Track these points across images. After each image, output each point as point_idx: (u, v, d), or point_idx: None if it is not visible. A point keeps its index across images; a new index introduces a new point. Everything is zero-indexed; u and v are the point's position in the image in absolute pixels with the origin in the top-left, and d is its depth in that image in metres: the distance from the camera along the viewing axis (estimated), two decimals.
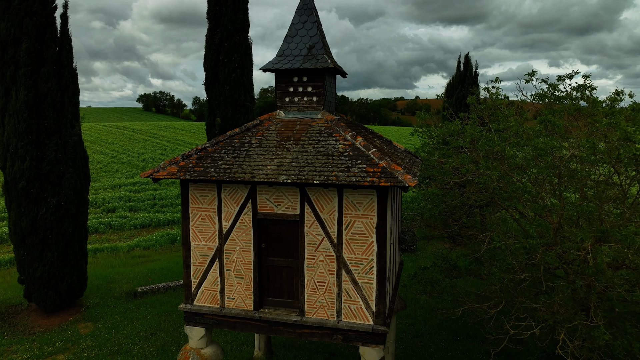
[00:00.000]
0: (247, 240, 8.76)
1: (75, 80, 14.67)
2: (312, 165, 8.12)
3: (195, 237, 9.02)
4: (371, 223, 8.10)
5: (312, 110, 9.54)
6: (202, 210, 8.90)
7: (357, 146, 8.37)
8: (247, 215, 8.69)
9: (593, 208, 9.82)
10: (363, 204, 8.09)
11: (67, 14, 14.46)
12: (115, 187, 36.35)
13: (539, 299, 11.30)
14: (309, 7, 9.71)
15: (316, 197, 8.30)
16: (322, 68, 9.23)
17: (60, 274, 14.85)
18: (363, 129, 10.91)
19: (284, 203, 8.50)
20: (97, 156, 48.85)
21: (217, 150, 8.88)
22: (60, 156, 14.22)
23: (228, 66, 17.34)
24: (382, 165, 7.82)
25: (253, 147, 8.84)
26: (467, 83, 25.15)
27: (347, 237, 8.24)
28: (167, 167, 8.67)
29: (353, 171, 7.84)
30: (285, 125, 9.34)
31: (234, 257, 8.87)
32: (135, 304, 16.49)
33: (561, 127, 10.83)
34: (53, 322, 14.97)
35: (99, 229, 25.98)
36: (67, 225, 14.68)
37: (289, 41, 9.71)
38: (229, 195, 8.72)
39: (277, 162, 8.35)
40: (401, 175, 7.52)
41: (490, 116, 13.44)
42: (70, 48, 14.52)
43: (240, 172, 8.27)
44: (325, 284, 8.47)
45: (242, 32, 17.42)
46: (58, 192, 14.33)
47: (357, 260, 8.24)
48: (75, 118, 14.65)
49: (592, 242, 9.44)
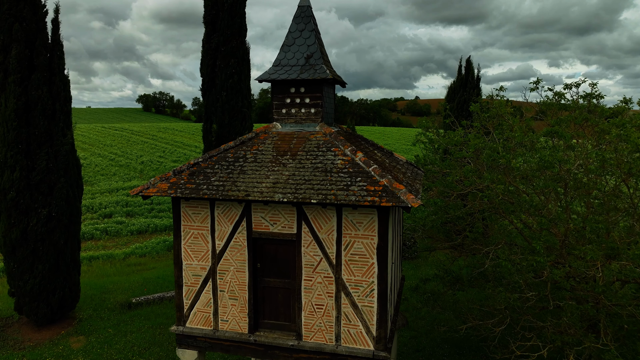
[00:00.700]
0: (242, 260, 8.35)
1: (67, 87, 14.26)
2: (309, 183, 7.72)
3: (188, 257, 8.61)
4: (372, 244, 7.69)
5: (310, 123, 9.13)
6: (195, 228, 8.49)
7: (357, 162, 7.96)
8: (241, 234, 8.28)
9: (602, 224, 9.42)
10: (363, 224, 7.69)
11: (58, 19, 14.05)
12: (112, 191, 35.95)
13: (545, 316, 10.91)
14: (306, 15, 9.30)
15: (314, 216, 7.89)
16: (320, 79, 8.83)
17: (51, 287, 14.44)
18: (363, 140, 10.50)
19: (280, 222, 8.09)
20: (95, 159, 48.44)
21: (210, 166, 8.47)
22: (51, 165, 13.80)
23: (225, 72, 16.93)
24: (383, 183, 7.41)
25: (248, 162, 8.43)
26: (469, 87, 24.73)
27: (347, 258, 7.83)
28: (158, 184, 8.26)
29: (352, 189, 7.43)
30: (281, 138, 8.93)
31: (228, 277, 8.46)
32: (130, 316, 16.08)
33: (568, 138, 10.43)
34: (44, 336, 14.56)
35: (95, 235, 25.58)
36: (58, 236, 14.27)
37: (286, 50, 9.30)
38: (223, 213, 8.31)
39: (273, 178, 7.95)
40: (403, 195, 7.11)
41: (494, 125, 13.04)
42: (62, 54, 14.12)
43: (234, 189, 7.86)
44: (324, 306, 8.06)
45: (239, 37, 17.01)
46: (49, 203, 13.92)
47: (357, 283, 7.84)
48: (67, 126, 14.24)
49: (602, 260, 9.04)
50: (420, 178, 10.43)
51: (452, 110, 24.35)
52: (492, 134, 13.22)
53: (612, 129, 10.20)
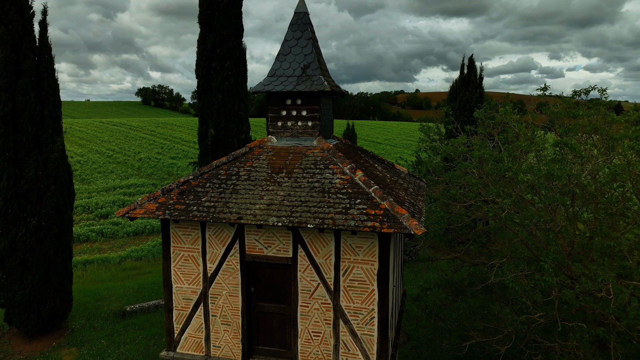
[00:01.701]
0: (235, 284, 7.91)
1: (56, 92, 13.74)
2: (305, 205, 7.25)
3: (178, 279, 8.17)
4: (372, 269, 7.25)
5: (307, 137, 8.65)
6: (185, 250, 8.05)
7: (357, 182, 7.49)
8: (234, 257, 7.83)
9: (614, 242, 8.97)
10: (363, 248, 7.24)
11: (46, 21, 13.50)
12: (109, 190, 35.48)
13: (552, 332, 10.51)
14: (303, 23, 8.78)
15: (310, 239, 7.44)
16: (317, 91, 8.33)
17: (42, 297, 14.01)
18: (363, 153, 10.03)
19: (274, 245, 7.64)
20: (92, 155, 47.91)
21: (201, 184, 8.01)
22: (40, 173, 13.32)
23: (221, 74, 16.39)
24: (384, 206, 6.95)
25: (241, 180, 7.97)
26: (471, 86, 24.17)
27: (345, 284, 7.40)
28: (145, 204, 7.80)
29: (352, 213, 6.98)
30: (277, 153, 8.45)
31: (220, 301, 8.02)
32: (124, 326, 15.67)
33: (579, 150, 9.96)
34: (35, 348, 14.17)
35: (91, 237, 25.15)
36: (49, 246, 13.82)
37: (282, 59, 8.79)
38: (214, 235, 7.86)
39: (267, 199, 7.48)
40: (406, 220, 6.65)
41: (498, 131, 12.56)
42: (51, 58, 13.58)
43: (226, 211, 7.40)
44: (321, 334, 7.63)
45: (235, 38, 16.45)
46: (38, 212, 13.45)
47: (356, 310, 7.40)
48: (57, 132, 13.73)
49: (613, 282, 8.61)
50: (423, 192, 9.97)
51: (454, 110, 23.85)
52: (497, 141, 12.75)
53: (624, 141, 9.73)
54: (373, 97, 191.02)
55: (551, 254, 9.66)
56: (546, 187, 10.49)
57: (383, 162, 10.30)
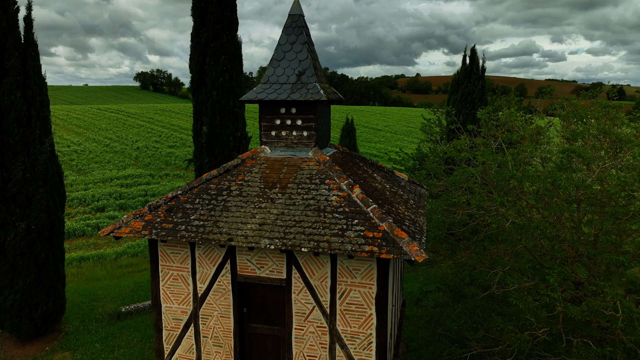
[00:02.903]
0: (226, 305, 7.55)
1: (44, 91, 13.21)
2: (300, 225, 6.85)
3: (167, 299, 7.81)
4: (370, 293, 6.88)
5: (302, 147, 8.21)
6: (174, 269, 7.67)
7: (354, 199, 7.08)
8: (225, 277, 7.46)
9: (623, 257, 8.61)
10: (360, 271, 6.86)
11: (31, 17, 12.91)
12: (106, 181, 35.08)
13: (556, 347, 10.21)
14: (298, 26, 8.25)
15: (305, 261, 7.06)
16: (313, 100, 7.86)
17: (33, 302, 13.71)
18: (362, 162, 9.58)
19: (267, 265, 7.26)
20: (89, 144, 47.40)
21: (190, 200, 7.59)
22: (28, 176, 12.89)
23: (215, 69, 15.84)
24: (383, 228, 6.55)
25: (232, 195, 7.55)
26: (473, 78, 23.57)
27: (342, 307, 7.04)
28: (131, 222, 7.40)
29: (349, 235, 6.58)
30: (270, 166, 8.02)
31: (212, 322, 7.68)
32: (119, 328, 15.41)
33: (587, 158, 9.52)
34: (28, 352, 13.92)
35: (87, 232, 24.83)
36: (39, 249, 13.46)
37: (275, 65, 8.29)
38: (204, 254, 7.47)
39: (260, 218, 7.08)
40: (406, 245, 6.26)
41: (503, 132, 12.10)
42: (37, 55, 13.03)
43: (216, 231, 7.00)
44: (317, 358, 7.30)
45: (230, 32, 15.85)
46: (28, 215, 13.06)
47: (354, 334, 7.06)
48: (45, 133, 13.25)
49: (622, 299, 8.27)
50: (424, 201, 9.56)
51: (456, 102, 23.34)
52: (501, 142, 12.30)
53: (635, 149, 9.29)
54: (373, 81, 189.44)
55: (557, 267, 9.31)
56: (551, 193, 10.10)
57: (382, 169, 9.86)
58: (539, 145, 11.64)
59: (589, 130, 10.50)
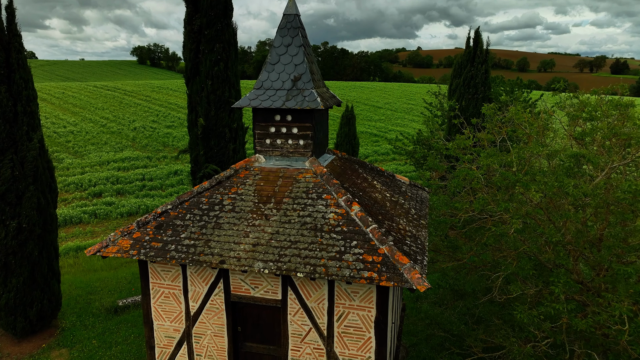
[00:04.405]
0: (220, 325, 7.28)
1: (30, 84, 12.68)
2: (295, 246, 6.50)
3: (159, 317, 7.54)
4: (369, 316, 6.59)
5: (298, 157, 7.79)
6: (165, 287, 7.37)
7: (353, 217, 6.71)
8: (218, 297, 7.17)
9: (631, 268, 8.30)
10: (359, 294, 6.55)
11: (13, 6, 12.26)
12: (103, 164, 34.66)
13: (558, 353, 10.03)
14: (293, 27, 7.71)
15: (301, 282, 6.75)
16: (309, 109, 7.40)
17: (28, 300, 13.52)
18: (361, 167, 9.17)
19: (262, 286, 6.95)
20: (85, 125, 46.75)
21: (181, 215, 7.22)
22: (17, 173, 12.49)
23: (209, 58, 15.22)
24: (383, 251, 6.20)
25: (225, 211, 7.18)
26: (476, 62, 22.86)
27: (340, 329, 6.76)
28: (119, 240, 7.05)
29: (347, 259, 6.23)
30: (265, 177, 7.62)
31: (205, 341, 7.43)
32: (116, 323, 15.28)
33: (597, 163, 9.12)
34: (24, 350, 13.81)
35: (83, 219, 24.57)
36: (32, 247, 13.18)
37: (269, 70, 7.79)
38: (196, 272, 7.15)
39: (253, 237, 6.72)
40: (407, 272, 5.92)
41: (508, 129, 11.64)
42: (21, 47, 12.45)
43: (207, 252, 6.66)
44: None
45: (224, 18, 15.17)
46: (18, 214, 12.72)
47: (352, 357, 6.80)
48: (33, 128, 12.78)
49: (630, 313, 8.01)
50: (426, 207, 9.19)
51: (459, 86, 22.73)
52: (506, 139, 11.86)
53: None
54: (374, 55, 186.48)
55: (562, 276, 9.02)
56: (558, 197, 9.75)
57: (383, 174, 9.46)
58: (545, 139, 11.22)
59: (597, 132, 10.06)
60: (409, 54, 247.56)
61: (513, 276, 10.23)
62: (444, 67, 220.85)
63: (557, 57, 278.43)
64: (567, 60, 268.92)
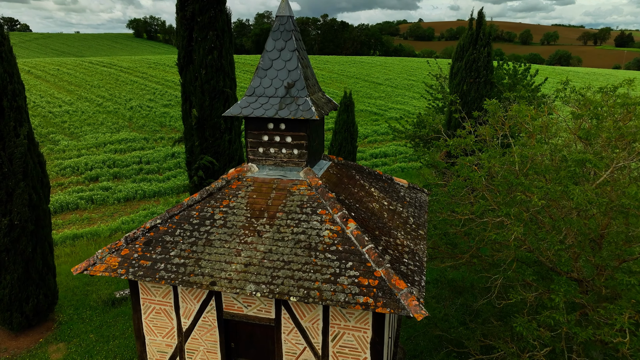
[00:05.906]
0: (213, 341, 7.13)
1: (16, 78, 12.26)
2: (289, 267, 6.27)
3: (150, 332, 7.38)
4: (365, 337, 6.42)
5: (293, 166, 7.49)
6: (156, 303, 7.18)
7: (349, 236, 6.46)
8: (210, 314, 6.99)
9: (633, 277, 8.11)
10: (355, 315, 6.36)
11: None
12: (99, 146, 34.24)
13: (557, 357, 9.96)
14: (287, 30, 7.28)
15: (295, 302, 6.54)
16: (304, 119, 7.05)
17: (23, 295, 13.44)
18: (358, 173, 8.86)
19: (255, 304, 6.76)
20: (81, 104, 46.05)
21: (171, 230, 6.97)
22: (6, 170, 12.21)
23: (203, 46, 14.69)
24: (380, 274, 5.98)
25: (216, 226, 6.92)
26: (479, 45, 22.22)
27: (335, 349, 6.60)
28: (107, 258, 6.82)
29: (341, 282, 6.01)
30: (258, 189, 7.33)
31: (198, 357, 7.29)
32: (113, 315, 15.26)
33: (602, 167, 8.82)
34: (22, 344, 13.81)
35: (80, 205, 24.36)
36: (25, 244, 13.01)
37: (262, 75, 7.40)
38: (187, 290, 6.95)
39: (245, 256, 6.49)
40: (404, 298, 5.71)
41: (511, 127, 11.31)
42: (4, 38, 11.97)
43: (198, 272, 6.43)
44: None
45: (217, 5, 14.56)
46: (10, 211, 12.50)
47: None
48: (20, 123, 12.41)
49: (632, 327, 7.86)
50: (425, 213, 8.93)
51: (460, 70, 22.17)
52: (508, 136, 11.53)
53: None
54: (374, 28, 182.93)
55: (563, 284, 8.83)
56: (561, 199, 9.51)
57: (380, 179, 9.16)
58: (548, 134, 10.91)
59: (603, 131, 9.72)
60: (410, 26, 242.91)
61: (513, 277, 10.08)
62: (446, 39, 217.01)
63: (561, 29, 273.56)
64: (571, 33, 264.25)
